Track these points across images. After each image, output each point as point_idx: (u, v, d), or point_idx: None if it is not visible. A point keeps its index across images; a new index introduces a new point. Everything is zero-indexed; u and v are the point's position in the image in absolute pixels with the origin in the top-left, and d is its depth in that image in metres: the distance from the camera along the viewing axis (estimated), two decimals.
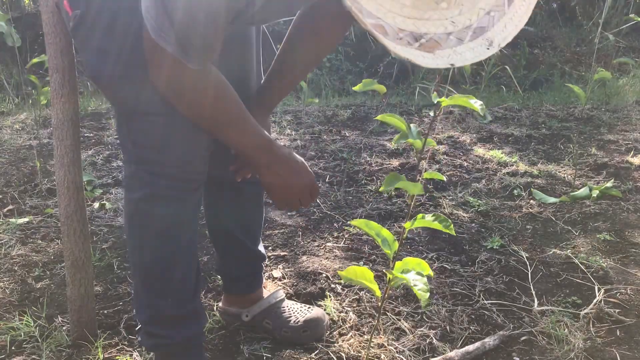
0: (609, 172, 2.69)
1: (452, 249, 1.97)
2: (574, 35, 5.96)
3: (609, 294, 1.67)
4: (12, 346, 1.43)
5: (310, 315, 1.47)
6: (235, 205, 1.43)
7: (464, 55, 0.86)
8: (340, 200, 2.40)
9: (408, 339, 1.47)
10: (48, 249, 1.97)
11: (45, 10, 1.24)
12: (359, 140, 3.21)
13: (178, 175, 1.09)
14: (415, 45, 0.83)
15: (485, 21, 0.88)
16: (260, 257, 1.52)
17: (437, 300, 1.65)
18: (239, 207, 1.44)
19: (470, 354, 1.39)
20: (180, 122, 1.06)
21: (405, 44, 0.82)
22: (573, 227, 2.12)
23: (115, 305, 1.64)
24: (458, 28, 0.86)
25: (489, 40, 0.88)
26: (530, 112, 3.82)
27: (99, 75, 1.10)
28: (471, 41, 0.87)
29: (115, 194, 2.44)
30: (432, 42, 0.84)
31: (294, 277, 1.78)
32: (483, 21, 0.88)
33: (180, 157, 1.08)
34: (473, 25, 0.87)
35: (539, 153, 3.03)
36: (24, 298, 1.67)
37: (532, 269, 1.82)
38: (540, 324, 1.53)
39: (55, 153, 1.33)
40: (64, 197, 1.34)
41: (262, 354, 1.42)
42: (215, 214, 1.46)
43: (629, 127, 3.48)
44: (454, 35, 0.86)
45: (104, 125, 3.49)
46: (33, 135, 3.21)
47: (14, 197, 2.39)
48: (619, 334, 1.49)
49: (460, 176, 2.68)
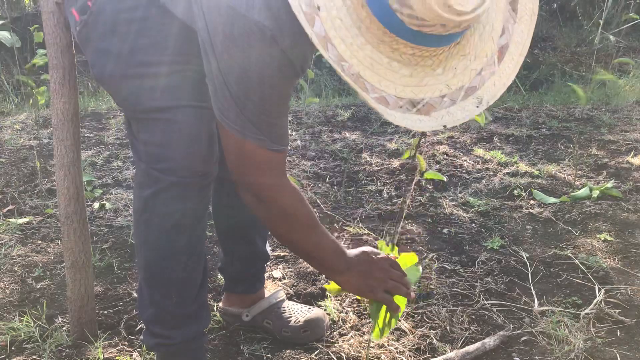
0: (609, 172, 2.69)
1: (452, 249, 1.97)
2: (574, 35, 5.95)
3: (609, 294, 1.67)
4: (12, 346, 1.43)
5: (311, 316, 1.47)
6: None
7: (455, 115, 0.94)
8: (340, 200, 2.40)
9: (408, 339, 1.47)
10: (48, 249, 1.97)
11: (45, 10, 1.24)
12: (359, 140, 3.21)
13: (186, 171, 1.10)
14: (413, 110, 0.91)
15: (476, 81, 0.95)
16: (265, 258, 1.52)
17: (437, 301, 1.65)
18: None
19: (471, 355, 1.39)
20: (180, 120, 1.06)
21: (404, 110, 0.90)
22: (573, 227, 2.12)
23: (115, 305, 1.64)
24: (452, 90, 0.93)
25: (479, 98, 0.95)
26: (530, 113, 3.82)
27: (100, 75, 1.11)
28: (463, 100, 0.94)
29: (115, 194, 2.44)
30: (428, 106, 0.92)
31: (294, 277, 1.78)
32: (474, 81, 0.95)
33: (186, 153, 1.09)
34: (465, 85, 0.94)
35: (539, 153, 3.03)
36: (24, 298, 1.67)
37: (532, 269, 1.82)
38: (540, 324, 1.53)
39: (55, 153, 1.33)
40: (64, 197, 1.34)
41: (262, 354, 1.42)
42: (224, 211, 1.45)
43: (629, 127, 3.47)
44: (447, 97, 0.93)
45: (104, 125, 3.49)
46: (33, 135, 3.21)
47: (14, 197, 2.39)
48: (619, 334, 1.49)
49: (460, 176, 2.68)
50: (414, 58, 0.88)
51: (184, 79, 1.07)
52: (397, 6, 0.80)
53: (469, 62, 0.93)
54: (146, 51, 1.06)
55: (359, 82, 0.86)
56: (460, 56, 0.92)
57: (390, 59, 0.87)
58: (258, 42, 0.90)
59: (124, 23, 1.05)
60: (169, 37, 1.05)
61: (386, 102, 0.89)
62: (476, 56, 0.93)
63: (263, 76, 0.94)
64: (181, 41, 1.05)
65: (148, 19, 1.05)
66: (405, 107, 0.90)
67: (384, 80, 0.88)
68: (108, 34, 1.07)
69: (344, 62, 0.85)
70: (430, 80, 0.91)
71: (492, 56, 0.94)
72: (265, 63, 0.93)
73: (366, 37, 0.85)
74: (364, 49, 0.85)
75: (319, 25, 0.83)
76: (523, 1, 0.96)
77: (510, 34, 0.95)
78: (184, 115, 1.07)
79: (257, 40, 0.90)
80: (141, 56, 1.06)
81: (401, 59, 0.87)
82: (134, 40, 1.05)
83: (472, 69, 0.93)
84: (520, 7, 0.96)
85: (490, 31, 0.93)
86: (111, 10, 1.05)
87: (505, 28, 0.95)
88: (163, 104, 1.06)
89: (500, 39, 0.95)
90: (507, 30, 0.95)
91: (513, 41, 0.96)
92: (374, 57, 0.86)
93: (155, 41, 1.05)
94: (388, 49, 0.86)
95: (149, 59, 1.06)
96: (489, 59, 0.94)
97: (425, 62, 0.89)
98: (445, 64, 0.91)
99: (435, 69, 0.90)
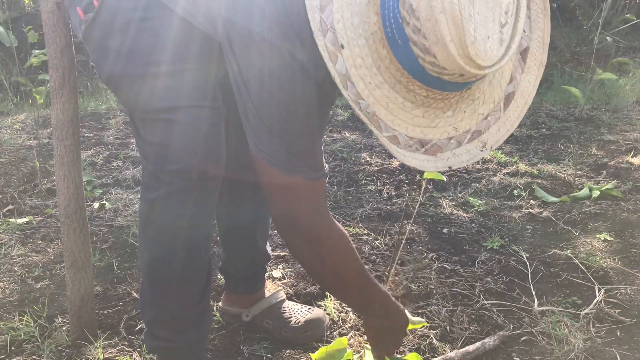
0: (609, 172, 2.69)
1: (452, 249, 1.97)
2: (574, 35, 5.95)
3: (609, 294, 1.67)
4: (12, 346, 1.43)
5: (311, 316, 1.47)
6: (247, 201, 1.42)
7: (460, 157, 0.98)
8: (340, 200, 2.40)
9: (408, 339, 1.47)
10: (48, 249, 1.97)
11: (45, 10, 1.24)
12: (359, 140, 3.21)
13: (195, 175, 1.08)
14: (422, 150, 0.95)
15: (482, 125, 0.99)
16: (266, 258, 1.52)
17: (437, 301, 1.65)
18: (251, 203, 1.42)
19: (470, 354, 1.39)
20: (189, 121, 1.05)
21: (414, 150, 0.94)
22: (573, 227, 2.12)
23: (115, 305, 1.64)
24: (459, 133, 0.97)
25: (483, 142, 0.99)
26: (530, 112, 3.82)
27: (106, 74, 1.11)
28: (468, 143, 0.98)
29: (115, 194, 2.44)
30: (435, 147, 0.96)
31: (294, 277, 1.78)
32: (480, 125, 0.99)
33: (193, 155, 1.07)
34: (472, 129, 0.98)
35: (539, 153, 3.03)
36: (24, 298, 1.67)
37: (532, 269, 1.82)
38: (540, 324, 1.53)
39: (55, 153, 1.33)
40: (63, 197, 1.34)
41: (262, 354, 1.42)
42: (227, 211, 1.44)
43: (629, 127, 3.48)
44: (454, 139, 0.97)
45: (104, 125, 3.49)
46: (32, 135, 3.21)
47: (14, 197, 2.39)
48: (619, 334, 1.49)
49: (460, 176, 2.68)
50: (427, 100, 0.91)
51: (194, 78, 1.06)
52: (420, 53, 0.83)
53: (477, 106, 0.96)
54: (153, 50, 1.04)
55: (374, 120, 0.89)
56: (469, 100, 0.95)
57: (404, 99, 0.90)
58: (294, 76, 0.93)
59: (129, 22, 1.05)
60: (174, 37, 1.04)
61: (397, 140, 0.92)
62: (484, 101, 0.97)
63: (302, 107, 0.96)
64: (186, 41, 1.04)
65: (148, 18, 1.04)
66: (415, 147, 0.94)
67: (396, 119, 0.91)
68: (114, 33, 1.06)
69: (362, 100, 0.88)
70: (440, 122, 0.94)
71: (499, 102, 0.98)
72: (303, 95, 0.95)
73: (384, 76, 0.88)
74: (381, 87, 0.88)
75: (341, 63, 0.86)
76: (534, 53, 0.99)
77: (518, 82, 0.99)
78: (193, 116, 1.05)
79: (293, 74, 0.92)
80: (148, 56, 1.05)
81: (415, 100, 0.90)
82: (140, 39, 1.04)
83: (479, 113, 0.97)
84: (530, 57, 0.99)
85: (499, 79, 0.97)
86: (116, 9, 1.05)
87: (514, 76, 0.98)
88: (171, 104, 1.05)
89: (507, 87, 0.98)
90: (515, 79, 0.99)
91: (520, 90, 0.99)
92: (390, 96, 0.89)
93: (162, 40, 1.04)
94: (404, 90, 0.89)
95: (156, 59, 1.05)
96: (496, 105, 0.98)
97: (437, 104, 0.92)
98: (455, 107, 0.94)
99: (446, 111, 0.94)
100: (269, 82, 0.94)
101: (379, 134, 0.90)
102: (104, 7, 1.05)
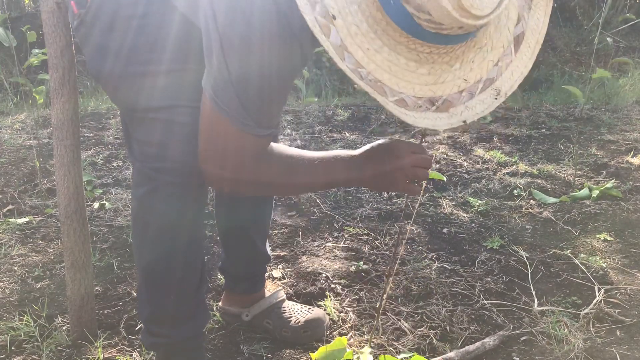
0: (609, 172, 2.69)
1: (452, 249, 1.97)
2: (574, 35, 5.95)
3: (609, 294, 1.67)
4: (12, 346, 1.43)
5: (311, 316, 1.47)
6: (246, 201, 1.42)
7: (474, 109, 0.92)
8: (340, 200, 2.40)
9: (408, 339, 1.47)
10: (48, 249, 1.97)
11: (45, 10, 1.24)
12: (359, 140, 3.21)
13: (181, 170, 1.08)
14: (433, 108, 0.90)
15: (494, 72, 0.93)
16: (266, 258, 1.52)
17: (437, 300, 1.65)
18: (250, 203, 1.43)
19: (470, 354, 1.39)
20: (179, 118, 1.06)
21: (424, 110, 0.88)
22: (573, 227, 2.12)
23: (115, 305, 1.64)
24: (470, 84, 0.92)
25: (497, 89, 0.94)
26: (530, 112, 3.82)
27: (99, 72, 1.10)
28: (481, 93, 0.93)
29: (115, 194, 2.44)
30: (446, 103, 0.91)
31: (294, 277, 1.78)
32: (492, 72, 0.93)
33: (181, 152, 1.08)
34: (483, 78, 0.92)
35: (539, 153, 3.03)
36: (24, 298, 1.67)
37: (532, 269, 1.82)
38: (540, 324, 1.53)
39: (55, 153, 1.33)
40: (64, 197, 1.34)
41: (262, 354, 1.42)
42: (225, 211, 1.45)
43: (629, 127, 3.47)
44: (466, 92, 0.92)
45: (104, 125, 3.49)
46: (32, 135, 3.21)
47: (14, 197, 2.39)
48: (619, 334, 1.49)
49: (460, 176, 2.68)
50: (431, 56, 0.86)
51: (183, 78, 1.06)
52: (414, 11, 0.80)
53: (485, 53, 0.91)
54: (146, 49, 1.04)
55: (377, 87, 0.85)
56: (477, 49, 0.90)
57: (407, 59, 0.86)
58: (270, 17, 0.87)
59: (124, 19, 1.04)
60: (169, 35, 1.04)
61: (405, 103, 0.87)
62: (493, 47, 0.91)
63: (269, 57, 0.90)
64: (182, 39, 1.04)
65: (149, 15, 1.03)
66: (425, 107, 0.89)
67: (402, 81, 0.86)
68: (107, 30, 1.05)
69: (362, 69, 0.84)
70: (448, 76, 0.89)
71: (509, 46, 0.93)
72: (274, 42, 0.89)
73: (383, 39, 0.84)
74: (381, 52, 0.84)
75: (334, 34, 0.82)
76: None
77: (526, 21, 0.93)
78: (181, 115, 1.05)
79: (269, 16, 0.87)
80: (141, 54, 1.05)
81: (418, 58, 0.86)
82: (134, 37, 1.04)
83: (489, 61, 0.92)
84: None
85: (505, 21, 0.92)
86: (111, 4, 1.04)
87: (521, 16, 0.93)
88: (160, 104, 1.05)
89: (516, 28, 0.93)
90: (523, 18, 0.93)
91: (529, 29, 0.94)
92: (392, 59, 0.85)
93: (155, 39, 1.04)
94: (405, 50, 0.85)
95: (148, 58, 1.05)
96: (506, 49, 0.93)
97: (443, 59, 0.87)
98: (462, 58, 0.89)
99: (453, 64, 0.89)
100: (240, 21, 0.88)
101: (385, 101, 0.85)
102: (98, 3, 1.04)
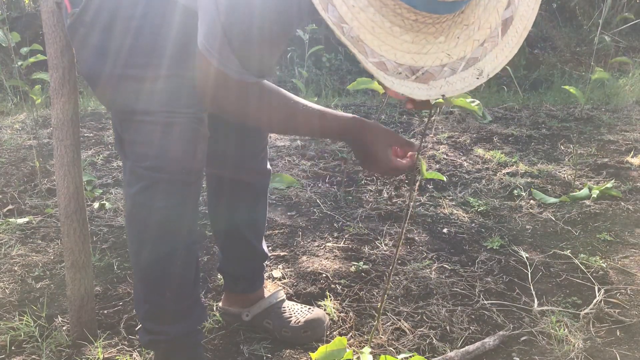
0: (609, 172, 2.69)
1: (452, 249, 1.97)
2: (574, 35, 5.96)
3: (609, 294, 1.67)
4: (12, 346, 1.43)
5: (311, 316, 1.47)
6: (240, 201, 1.42)
7: (454, 85, 0.92)
8: (340, 200, 2.40)
9: (408, 339, 1.47)
10: (48, 249, 1.97)
11: (45, 10, 1.24)
12: None
13: (170, 170, 1.09)
14: (412, 77, 0.89)
15: (478, 52, 0.93)
16: (263, 256, 1.52)
17: (437, 300, 1.65)
18: (244, 203, 1.43)
19: (470, 354, 1.39)
20: (179, 118, 1.06)
21: (403, 77, 0.88)
22: (573, 227, 2.12)
23: (115, 305, 1.64)
24: (453, 59, 0.91)
25: (480, 70, 0.93)
26: (530, 112, 3.82)
27: (97, 74, 1.09)
28: (463, 71, 0.92)
29: (115, 194, 2.44)
30: (427, 75, 0.90)
31: (294, 277, 1.78)
32: (476, 52, 0.93)
33: (168, 152, 1.08)
34: (467, 56, 0.92)
35: (539, 153, 3.03)
36: (24, 298, 1.67)
37: (532, 269, 1.82)
38: (540, 324, 1.53)
39: (55, 153, 1.33)
40: (63, 197, 1.34)
41: (262, 354, 1.42)
42: (219, 211, 1.45)
43: (629, 127, 3.48)
44: (448, 67, 0.91)
45: (104, 125, 3.49)
46: (32, 135, 3.21)
47: (14, 197, 2.39)
48: (619, 334, 1.49)
49: (460, 176, 2.68)
50: (417, 24, 0.85)
51: (178, 83, 1.06)
52: None
53: (472, 32, 0.91)
54: (145, 52, 1.04)
55: (359, 46, 0.83)
56: (463, 25, 0.89)
57: (392, 23, 0.84)
58: None
59: (122, 20, 1.04)
60: (168, 37, 1.04)
61: (385, 67, 0.86)
62: (480, 27, 0.91)
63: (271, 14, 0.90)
64: (180, 43, 1.04)
65: (149, 15, 1.02)
66: (405, 74, 0.88)
67: (384, 45, 0.85)
68: (104, 30, 1.04)
69: (345, 25, 0.82)
70: (432, 48, 0.88)
71: (496, 28, 0.92)
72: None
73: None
74: (366, 11, 0.83)
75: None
76: None
77: (516, 6, 0.93)
78: (173, 118, 1.06)
79: None
80: (139, 57, 1.04)
81: (403, 24, 0.85)
82: (132, 39, 1.03)
83: (474, 40, 0.91)
84: None
85: (495, 3, 0.91)
86: (109, 4, 1.04)
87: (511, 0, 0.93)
88: (153, 108, 1.05)
89: (505, 12, 0.92)
90: (513, 3, 0.93)
91: (518, 14, 0.93)
92: (376, 20, 0.84)
93: (154, 41, 1.03)
94: (391, 13, 0.84)
95: (145, 61, 1.04)
96: (493, 31, 0.92)
97: (428, 29, 0.86)
98: (448, 32, 0.88)
99: (438, 36, 0.88)
100: None
101: (364, 60, 0.84)
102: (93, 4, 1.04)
